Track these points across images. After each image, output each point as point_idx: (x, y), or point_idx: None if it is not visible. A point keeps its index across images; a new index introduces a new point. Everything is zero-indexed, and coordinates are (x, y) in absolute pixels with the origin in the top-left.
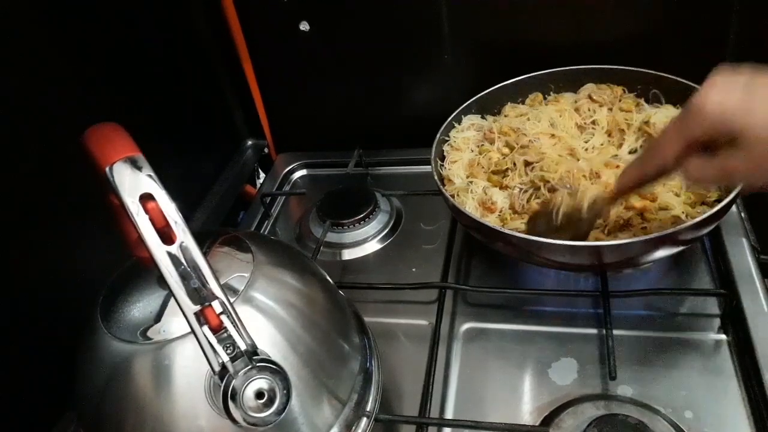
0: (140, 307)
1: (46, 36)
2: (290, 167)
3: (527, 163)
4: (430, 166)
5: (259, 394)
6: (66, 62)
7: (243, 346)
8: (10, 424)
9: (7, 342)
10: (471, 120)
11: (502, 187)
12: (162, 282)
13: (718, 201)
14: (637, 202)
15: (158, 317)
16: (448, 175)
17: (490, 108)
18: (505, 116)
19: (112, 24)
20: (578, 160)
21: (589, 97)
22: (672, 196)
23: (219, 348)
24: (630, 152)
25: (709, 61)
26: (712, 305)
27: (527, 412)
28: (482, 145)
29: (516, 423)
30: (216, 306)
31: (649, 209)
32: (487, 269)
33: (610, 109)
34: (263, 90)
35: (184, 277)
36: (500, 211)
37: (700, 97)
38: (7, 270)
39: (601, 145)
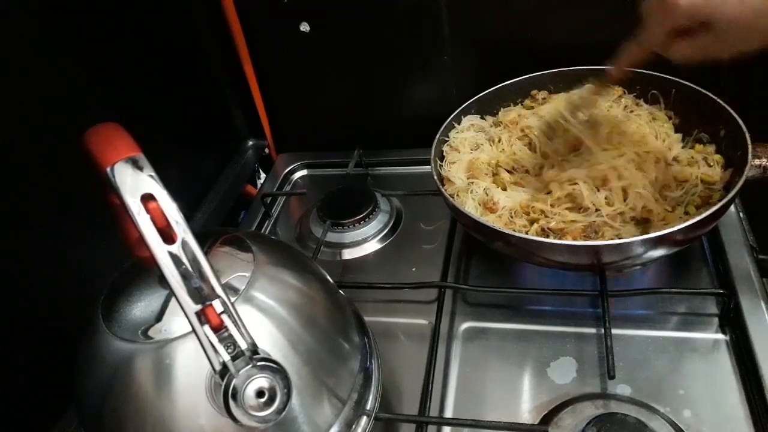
0: (141, 306)
1: (46, 36)
2: (291, 167)
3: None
4: (429, 166)
5: (259, 393)
6: (66, 62)
7: (244, 346)
8: (11, 423)
9: (7, 341)
10: (471, 120)
11: (505, 188)
12: (163, 281)
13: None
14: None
15: (159, 316)
16: (447, 176)
17: (489, 108)
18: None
19: (112, 24)
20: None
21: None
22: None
23: (220, 347)
24: None
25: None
26: (711, 305)
27: (526, 411)
28: (482, 144)
29: (515, 422)
30: (217, 305)
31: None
32: (487, 269)
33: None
34: (263, 90)
35: (185, 277)
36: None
37: None
38: (8, 269)
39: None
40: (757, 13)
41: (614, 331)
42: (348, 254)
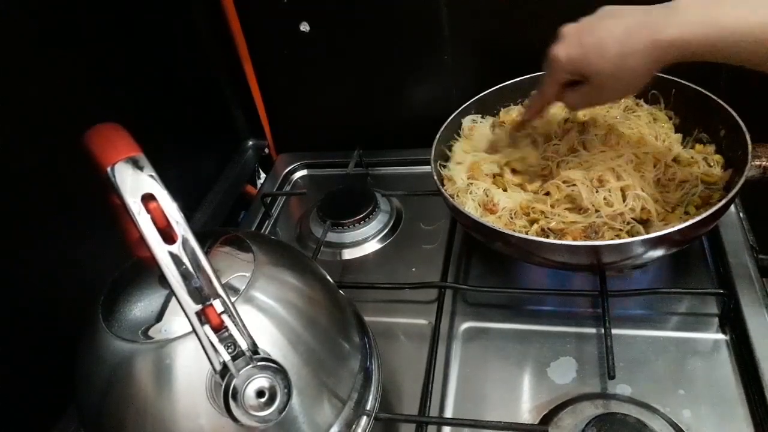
0: (141, 306)
1: (46, 36)
2: (291, 167)
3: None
4: (430, 167)
5: (260, 393)
6: (66, 62)
7: (244, 345)
8: (11, 423)
9: (7, 341)
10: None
11: (505, 189)
12: (163, 281)
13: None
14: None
15: (159, 316)
16: (448, 176)
17: (489, 109)
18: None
19: (112, 24)
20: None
21: None
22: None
23: (220, 347)
24: None
25: (707, 62)
26: (711, 305)
27: (526, 411)
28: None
29: (515, 422)
30: (217, 305)
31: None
32: (487, 269)
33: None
34: (263, 90)
35: (186, 277)
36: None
37: (554, 53)
38: (8, 269)
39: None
40: (616, 68)
41: (614, 331)
42: (348, 254)
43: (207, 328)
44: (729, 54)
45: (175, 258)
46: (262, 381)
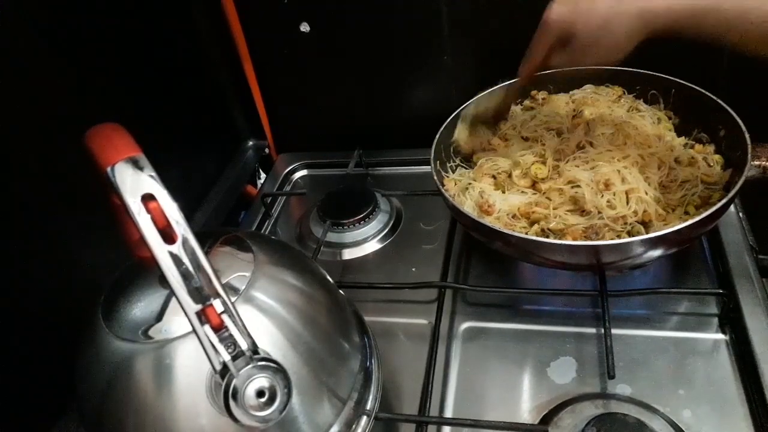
0: (142, 306)
1: (46, 36)
2: (291, 167)
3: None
4: (430, 166)
5: (260, 393)
6: (66, 62)
7: (244, 345)
8: (11, 423)
9: (8, 341)
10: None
11: (505, 191)
12: (163, 281)
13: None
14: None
15: (160, 316)
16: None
17: None
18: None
19: (112, 24)
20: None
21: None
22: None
23: (220, 347)
24: None
25: (707, 63)
26: (711, 305)
27: (526, 411)
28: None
29: (515, 422)
30: (217, 305)
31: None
32: (487, 269)
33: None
34: (263, 90)
35: (186, 277)
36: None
37: (548, 12)
38: (8, 269)
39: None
40: (600, 29)
41: (614, 331)
42: (348, 254)
43: (207, 328)
44: (712, 31)
45: (175, 258)
46: (262, 381)
